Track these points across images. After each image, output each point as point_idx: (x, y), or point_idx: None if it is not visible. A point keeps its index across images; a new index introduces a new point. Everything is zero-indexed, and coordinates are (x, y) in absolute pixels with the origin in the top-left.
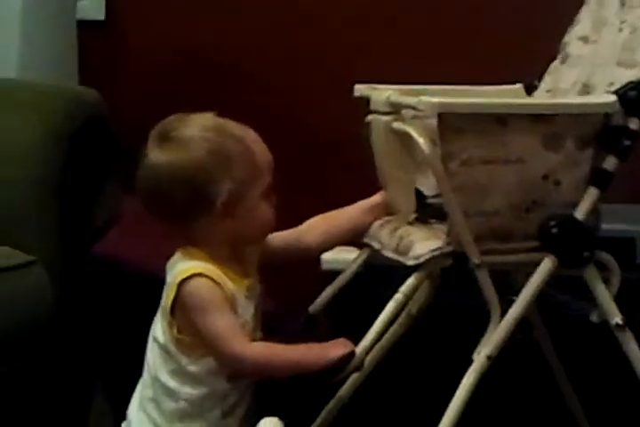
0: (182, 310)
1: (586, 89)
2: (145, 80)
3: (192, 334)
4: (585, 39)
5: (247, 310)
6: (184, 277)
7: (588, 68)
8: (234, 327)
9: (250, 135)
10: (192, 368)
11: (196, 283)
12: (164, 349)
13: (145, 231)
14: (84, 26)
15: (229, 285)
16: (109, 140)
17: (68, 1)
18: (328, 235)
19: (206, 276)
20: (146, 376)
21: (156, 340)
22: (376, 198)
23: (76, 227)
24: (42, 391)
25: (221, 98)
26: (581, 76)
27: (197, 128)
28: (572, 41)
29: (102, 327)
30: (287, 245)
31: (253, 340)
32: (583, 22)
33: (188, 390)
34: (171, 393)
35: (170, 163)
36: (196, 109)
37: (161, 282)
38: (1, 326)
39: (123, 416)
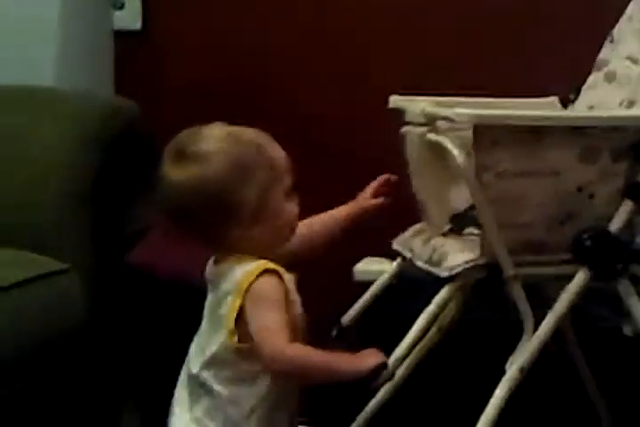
0: (245, 316)
1: (630, 106)
2: (181, 90)
3: (252, 339)
4: (633, 59)
5: (298, 303)
6: (252, 279)
7: (635, 86)
8: (282, 326)
9: (263, 138)
10: (253, 370)
11: (264, 279)
12: (217, 359)
13: (177, 239)
14: (121, 36)
15: (287, 278)
16: (145, 150)
17: (104, 11)
18: (308, 241)
19: (275, 271)
20: (196, 391)
21: (212, 357)
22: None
23: (109, 235)
24: (74, 400)
25: (257, 108)
26: (628, 94)
27: (212, 140)
28: (617, 59)
29: (136, 336)
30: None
31: (302, 339)
32: (629, 41)
33: (246, 392)
34: (230, 401)
35: (191, 180)
36: (231, 120)
37: (194, 290)
38: (35, 334)
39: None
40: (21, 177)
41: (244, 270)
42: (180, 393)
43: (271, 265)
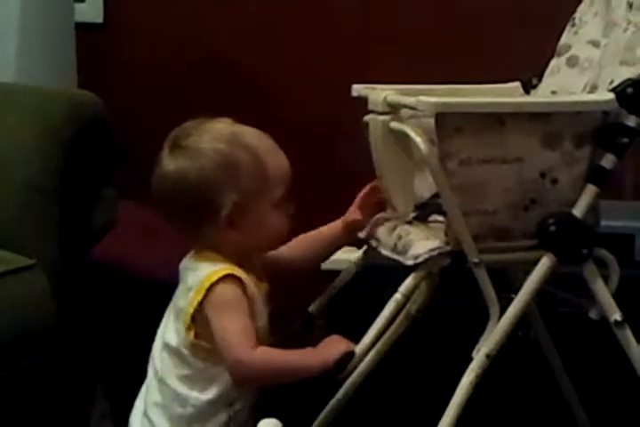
0: (204, 314)
1: (593, 91)
2: (144, 83)
3: (210, 339)
4: (595, 43)
5: (263, 314)
6: (214, 279)
7: (597, 70)
8: (245, 332)
9: (265, 145)
10: (208, 373)
11: (223, 284)
12: (175, 353)
13: (142, 234)
14: (83, 28)
15: (252, 287)
16: (108, 144)
17: (66, 4)
18: (309, 253)
19: (236, 277)
20: (152, 381)
21: (167, 344)
22: (354, 215)
23: (74, 230)
24: (42, 395)
25: (221, 101)
26: (591, 78)
27: (210, 137)
28: (579, 44)
29: (102, 330)
30: (276, 262)
31: (268, 345)
32: (590, 25)
33: (197, 395)
34: (179, 398)
35: (178, 171)
36: (195, 113)
37: (160, 284)
38: (2, 330)
39: (123, 420)
40: None
41: (210, 270)
42: (147, 381)
43: (236, 271)
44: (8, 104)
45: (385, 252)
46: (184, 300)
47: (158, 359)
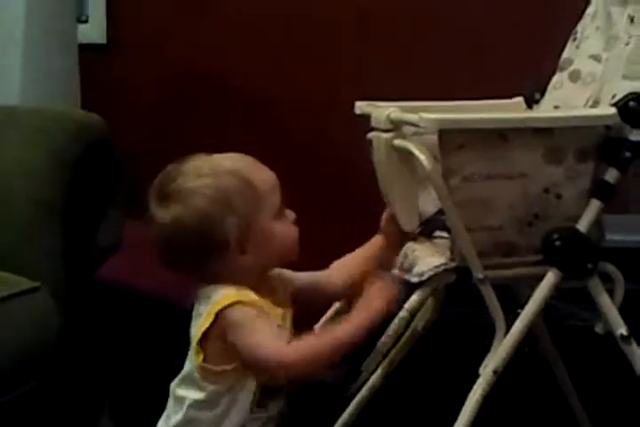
0: (218, 339)
1: (596, 105)
2: (147, 104)
3: (220, 363)
4: (597, 58)
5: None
6: (224, 305)
7: (600, 84)
8: (272, 336)
9: (245, 164)
10: (220, 396)
11: (233, 310)
12: (188, 378)
13: (147, 254)
14: (86, 49)
15: (264, 310)
16: (112, 165)
17: (69, 24)
18: (351, 276)
19: (244, 303)
20: (170, 403)
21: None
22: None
23: (79, 251)
24: (48, 418)
25: (222, 122)
26: (594, 93)
27: (192, 176)
28: (581, 58)
29: (108, 350)
30: (312, 285)
31: None
32: (592, 40)
33: (208, 413)
34: (193, 421)
35: (174, 219)
36: (198, 133)
37: (164, 304)
38: (8, 352)
39: None
40: None
41: (220, 294)
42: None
43: (245, 298)
44: (13, 126)
45: (393, 270)
46: (195, 327)
47: (176, 389)
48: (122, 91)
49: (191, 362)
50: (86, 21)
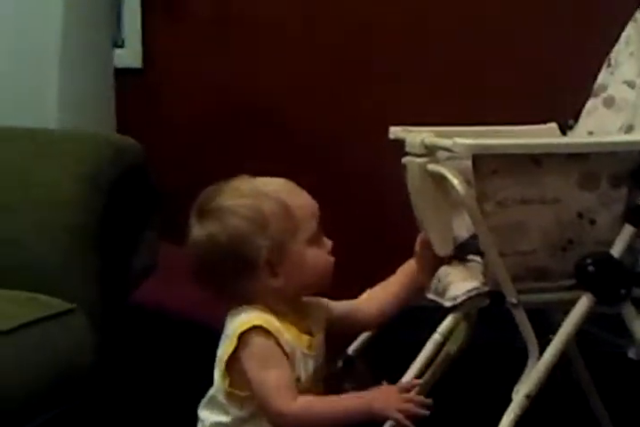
0: (238, 364)
1: (629, 131)
2: (182, 127)
3: (245, 388)
4: (631, 84)
5: (305, 366)
6: (244, 329)
7: (633, 110)
8: (281, 384)
9: (285, 189)
10: (245, 422)
11: (253, 336)
12: (212, 400)
13: (182, 277)
14: (122, 74)
15: (288, 338)
16: (148, 188)
17: (105, 49)
18: (387, 304)
19: (264, 328)
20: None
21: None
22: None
23: (115, 274)
24: None
25: (258, 146)
26: (628, 119)
27: (231, 195)
28: (615, 84)
29: (143, 373)
30: (349, 314)
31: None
32: (626, 66)
33: None
34: None
35: (209, 235)
36: (231, 158)
37: (200, 328)
38: (43, 374)
39: None
40: (26, 218)
41: (243, 319)
42: None
43: (268, 323)
44: (49, 149)
45: (429, 295)
46: (221, 349)
47: (201, 412)
48: (157, 115)
49: (216, 384)
50: (122, 46)
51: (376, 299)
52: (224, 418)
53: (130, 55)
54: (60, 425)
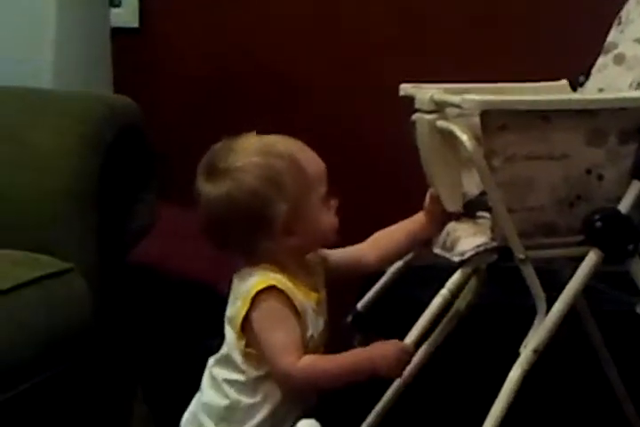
0: (251, 324)
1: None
2: (179, 87)
3: (260, 347)
4: None
5: (315, 324)
6: (259, 289)
7: None
8: (287, 344)
9: (296, 148)
10: (259, 382)
11: (266, 297)
12: (226, 359)
13: (180, 237)
14: (119, 33)
15: (300, 297)
16: (145, 148)
17: (101, 9)
18: (388, 251)
19: (278, 289)
20: (205, 381)
21: (222, 349)
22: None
23: (112, 234)
24: (82, 398)
25: (254, 105)
26: (638, 76)
27: (243, 154)
28: (626, 42)
29: (141, 333)
30: (348, 262)
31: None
32: (637, 24)
33: (245, 400)
34: (227, 400)
35: (224, 195)
36: (230, 119)
37: (195, 286)
38: (41, 333)
39: (163, 422)
40: (23, 178)
41: (257, 279)
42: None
43: (282, 284)
44: (45, 110)
45: (436, 249)
46: (232, 308)
47: (214, 368)
48: (154, 74)
49: (228, 344)
50: (119, 5)
51: (377, 248)
52: (239, 377)
53: (127, 14)
54: (57, 385)
